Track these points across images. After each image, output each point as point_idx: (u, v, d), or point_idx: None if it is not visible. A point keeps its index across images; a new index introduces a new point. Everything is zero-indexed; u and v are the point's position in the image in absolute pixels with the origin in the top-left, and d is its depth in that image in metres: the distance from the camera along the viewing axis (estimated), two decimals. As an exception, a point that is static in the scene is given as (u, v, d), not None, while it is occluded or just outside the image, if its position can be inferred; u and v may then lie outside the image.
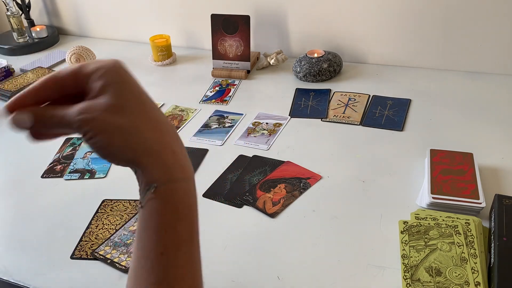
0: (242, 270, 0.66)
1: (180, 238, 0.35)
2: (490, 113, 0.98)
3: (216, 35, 1.23)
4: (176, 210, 0.35)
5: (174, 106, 1.12)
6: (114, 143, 0.34)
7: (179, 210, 0.35)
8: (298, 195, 0.79)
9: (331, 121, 1.01)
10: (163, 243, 0.34)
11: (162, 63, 1.34)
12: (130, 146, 0.35)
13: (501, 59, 1.13)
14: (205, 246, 0.71)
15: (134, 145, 0.35)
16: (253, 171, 0.86)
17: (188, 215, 0.35)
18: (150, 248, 0.34)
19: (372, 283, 0.63)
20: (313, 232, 0.72)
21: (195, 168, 0.89)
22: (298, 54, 1.31)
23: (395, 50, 1.22)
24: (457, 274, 0.60)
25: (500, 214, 0.66)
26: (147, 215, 0.34)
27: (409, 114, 1.01)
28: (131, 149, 0.35)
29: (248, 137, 0.97)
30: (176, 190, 0.35)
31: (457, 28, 1.13)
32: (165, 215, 0.34)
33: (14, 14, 1.49)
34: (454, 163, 0.79)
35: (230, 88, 1.19)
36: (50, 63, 1.41)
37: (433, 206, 0.72)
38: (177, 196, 0.35)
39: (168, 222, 0.34)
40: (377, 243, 0.69)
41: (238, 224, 0.75)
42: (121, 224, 0.76)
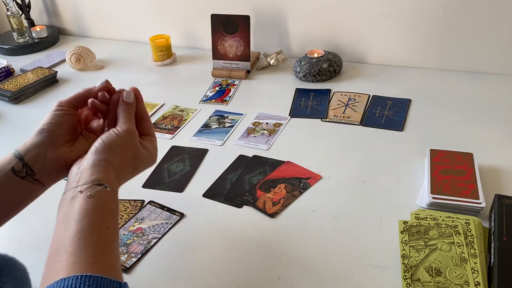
0: (242, 270, 0.66)
1: (116, 224, 0.47)
2: (490, 113, 0.98)
3: (216, 35, 1.23)
4: (116, 207, 0.48)
5: (174, 106, 1.12)
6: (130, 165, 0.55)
7: (117, 209, 0.49)
8: (298, 195, 0.79)
9: (331, 121, 1.01)
10: (109, 222, 0.46)
11: (162, 63, 1.34)
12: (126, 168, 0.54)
13: (501, 59, 1.13)
14: (205, 246, 0.71)
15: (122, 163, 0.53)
16: (253, 171, 0.86)
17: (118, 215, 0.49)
18: (97, 223, 0.44)
19: (372, 283, 0.63)
20: (313, 232, 0.72)
21: (195, 168, 0.89)
22: (298, 54, 1.31)
23: (395, 50, 1.22)
24: (457, 274, 0.60)
25: (500, 214, 0.66)
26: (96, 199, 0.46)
27: (409, 114, 1.01)
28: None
29: (248, 137, 0.97)
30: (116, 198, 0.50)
31: (457, 28, 1.13)
32: (111, 206, 0.47)
33: (14, 14, 1.49)
34: (454, 163, 0.79)
35: (230, 88, 1.19)
36: (50, 63, 1.41)
37: (433, 206, 0.72)
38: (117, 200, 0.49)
39: (112, 210, 0.47)
40: (377, 243, 0.69)
41: (238, 224, 0.75)
42: (121, 224, 0.76)
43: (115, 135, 0.52)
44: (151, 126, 0.59)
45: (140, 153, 0.54)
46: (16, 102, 1.20)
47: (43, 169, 0.51)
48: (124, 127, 0.53)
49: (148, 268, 0.68)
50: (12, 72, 1.35)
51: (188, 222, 0.76)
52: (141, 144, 0.55)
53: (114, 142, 0.51)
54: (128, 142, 0.53)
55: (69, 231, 0.43)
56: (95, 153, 0.51)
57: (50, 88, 1.27)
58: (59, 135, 0.53)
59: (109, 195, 0.47)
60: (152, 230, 0.74)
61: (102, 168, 0.49)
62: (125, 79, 1.28)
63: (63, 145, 0.53)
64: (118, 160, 0.51)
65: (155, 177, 0.87)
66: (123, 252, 0.70)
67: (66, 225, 0.44)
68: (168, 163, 0.91)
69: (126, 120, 0.54)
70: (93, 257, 0.41)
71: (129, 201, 0.81)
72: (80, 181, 0.48)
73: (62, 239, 0.43)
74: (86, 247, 0.41)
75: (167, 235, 0.74)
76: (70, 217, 0.44)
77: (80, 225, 0.43)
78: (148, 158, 0.56)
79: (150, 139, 0.58)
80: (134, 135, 0.54)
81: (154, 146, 0.58)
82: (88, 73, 1.35)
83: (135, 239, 0.73)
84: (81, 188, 0.46)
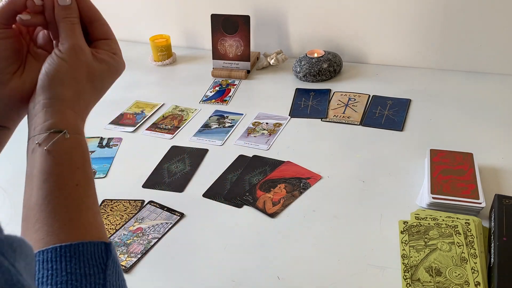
0: (242, 270, 0.66)
1: (88, 176, 0.41)
2: (490, 113, 0.98)
3: (216, 35, 1.23)
4: (83, 154, 0.41)
5: (174, 106, 1.12)
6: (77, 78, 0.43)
7: (85, 155, 0.42)
8: (298, 195, 0.79)
9: (331, 121, 1.01)
10: (76, 177, 0.40)
11: (162, 63, 1.34)
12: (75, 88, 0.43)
13: (501, 59, 1.13)
14: (205, 246, 0.71)
15: (77, 92, 0.43)
16: (253, 171, 0.86)
17: (88, 161, 0.42)
18: (64, 182, 0.39)
19: (372, 283, 0.63)
20: (313, 232, 0.72)
21: (195, 168, 0.89)
22: (298, 54, 1.31)
23: (395, 50, 1.22)
24: (457, 274, 0.60)
25: (500, 214, 0.66)
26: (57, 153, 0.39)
27: (409, 114, 1.01)
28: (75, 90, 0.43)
29: (248, 137, 0.97)
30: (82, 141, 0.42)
31: (457, 28, 1.13)
32: (76, 156, 0.41)
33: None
34: (454, 163, 0.79)
35: (230, 88, 1.19)
36: (50, 63, 1.41)
37: (433, 206, 0.72)
38: (84, 144, 0.42)
39: (79, 162, 0.41)
40: (377, 243, 0.69)
41: (238, 224, 0.75)
42: (121, 224, 0.76)
43: (58, 60, 0.43)
44: (105, 26, 0.47)
45: (96, 70, 0.45)
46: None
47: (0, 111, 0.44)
48: (66, 44, 0.43)
49: (148, 268, 0.68)
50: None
51: (188, 222, 0.76)
52: (94, 58, 0.45)
53: (59, 70, 0.42)
54: (75, 63, 0.43)
55: (35, 195, 0.38)
56: (41, 89, 0.42)
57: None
58: (2, 68, 0.43)
59: (71, 143, 0.40)
60: (152, 230, 0.74)
61: (54, 109, 0.41)
62: (125, 79, 1.28)
63: (12, 78, 0.43)
64: (70, 92, 0.42)
65: (155, 177, 0.87)
66: (123, 252, 0.70)
67: (31, 186, 0.39)
68: (168, 163, 0.91)
69: (68, 33, 0.44)
70: (67, 222, 0.37)
71: (129, 201, 0.81)
72: (36, 129, 0.41)
73: (30, 204, 0.39)
74: (56, 213, 0.37)
75: (167, 235, 0.74)
76: (34, 176, 0.39)
77: (45, 188, 0.38)
78: (109, 71, 0.46)
79: (107, 44, 0.46)
80: (81, 51, 0.44)
81: (114, 52, 0.47)
82: (88, 73, 1.35)
83: (135, 239, 0.73)
84: (38, 139, 0.40)
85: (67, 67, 0.43)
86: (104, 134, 1.02)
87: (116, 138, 1.01)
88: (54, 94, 0.42)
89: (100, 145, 0.99)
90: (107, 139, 1.01)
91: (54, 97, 0.42)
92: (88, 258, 0.35)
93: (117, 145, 0.98)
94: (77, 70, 0.43)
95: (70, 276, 0.33)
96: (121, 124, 1.06)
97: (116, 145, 0.98)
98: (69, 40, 0.43)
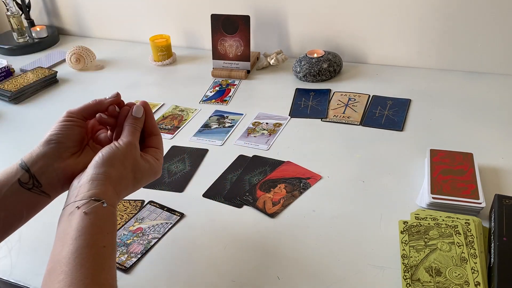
0: (242, 270, 0.66)
1: (114, 242, 0.47)
2: (490, 113, 0.98)
3: (216, 35, 1.23)
4: (113, 224, 0.48)
5: (174, 106, 1.12)
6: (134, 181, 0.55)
7: (115, 225, 0.49)
8: (298, 195, 0.79)
9: (331, 121, 1.01)
10: (105, 240, 0.46)
11: (162, 63, 1.34)
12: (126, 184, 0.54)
13: (501, 59, 1.13)
14: (205, 246, 0.71)
15: (121, 176, 0.53)
16: (253, 171, 0.86)
17: (116, 231, 0.49)
18: (94, 242, 0.44)
19: (372, 283, 0.63)
20: (313, 232, 0.72)
21: (195, 168, 0.89)
22: (298, 54, 1.31)
23: (395, 50, 1.22)
24: (457, 274, 0.60)
25: (500, 214, 0.66)
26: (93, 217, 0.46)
27: (409, 114, 1.01)
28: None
29: (248, 137, 0.97)
30: (115, 214, 0.50)
31: (457, 28, 1.13)
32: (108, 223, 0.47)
33: (14, 14, 1.49)
34: (454, 163, 0.79)
35: (230, 88, 1.19)
36: (50, 63, 1.41)
37: (433, 206, 0.72)
38: (115, 216, 0.50)
39: (110, 228, 0.47)
40: (377, 243, 0.69)
41: (238, 224, 0.75)
42: (121, 224, 0.76)
43: (115, 148, 0.52)
44: (160, 140, 0.60)
45: (140, 165, 0.54)
46: (16, 102, 1.20)
47: (50, 180, 0.51)
48: (125, 140, 0.54)
49: (148, 268, 0.68)
50: (12, 72, 1.35)
51: (188, 222, 0.76)
52: (142, 157, 0.55)
53: (113, 156, 0.51)
54: (127, 155, 0.53)
55: (66, 249, 0.43)
56: (94, 167, 0.51)
57: (50, 88, 1.27)
58: (67, 147, 0.53)
59: (106, 212, 0.47)
60: (152, 230, 0.74)
61: (100, 183, 0.49)
62: (125, 79, 1.28)
63: (70, 157, 0.54)
64: (116, 174, 0.51)
65: (155, 177, 0.87)
66: (123, 252, 0.70)
67: (63, 242, 0.44)
68: (168, 163, 0.91)
69: (130, 133, 0.55)
70: (89, 279, 0.41)
71: (129, 201, 0.81)
72: (78, 196, 0.48)
73: (59, 258, 0.43)
74: (81, 268, 0.42)
75: (167, 235, 0.74)
76: (67, 234, 0.44)
77: (76, 244, 0.43)
78: (150, 171, 0.56)
79: (155, 152, 0.58)
80: (134, 147, 0.54)
81: (158, 159, 0.57)
82: (88, 73, 1.35)
83: (135, 239, 0.73)
84: (79, 204, 0.46)
85: (120, 154, 0.52)
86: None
87: (116, 138, 1.01)
88: (102, 171, 0.50)
89: (100, 145, 0.99)
90: (107, 139, 1.01)
91: (102, 173, 0.50)
92: None
93: (117, 145, 0.98)
94: (126, 159, 0.53)
95: None
96: (121, 124, 1.06)
97: (116, 145, 0.98)
98: (128, 138, 0.54)
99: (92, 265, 0.42)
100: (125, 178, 0.52)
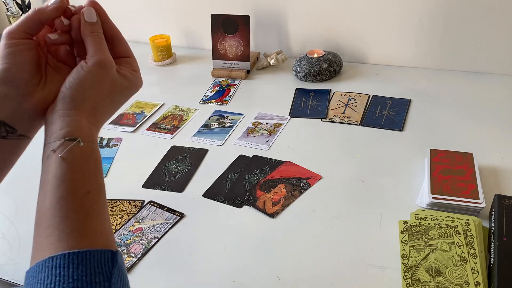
0: (242, 270, 0.66)
1: (99, 183, 0.42)
2: (490, 113, 0.98)
3: (216, 35, 1.23)
4: (95, 162, 0.43)
5: (174, 106, 1.12)
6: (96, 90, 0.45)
7: (97, 163, 0.43)
8: (298, 195, 0.79)
9: (331, 121, 1.01)
10: (88, 184, 0.41)
11: (162, 63, 1.34)
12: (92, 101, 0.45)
13: (501, 59, 1.13)
14: (205, 246, 0.71)
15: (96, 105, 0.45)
16: (253, 171, 0.86)
17: (101, 169, 0.43)
18: (76, 188, 0.40)
19: (372, 283, 0.63)
20: (313, 232, 0.72)
21: (195, 168, 0.89)
22: (298, 54, 1.31)
23: (395, 50, 1.22)
24: (457, 274, 0.60)
25: (500, 214, 0.66)
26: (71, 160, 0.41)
27: (409, 114, 1.01)
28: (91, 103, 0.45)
29: (248, 137, 0.97)
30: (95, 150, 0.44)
31: (457, 28, 1.13)
32: (88, 164, 0.42)
33: (14, 14, 1.49)
34: (454, 163, 0.79)
35: (230, 88, 1.19)
36: (50, 63, 1.41)
37: (433, 206, 0.72)
38: (96, 153, 0.44)
39: (91, 169, 0.42)
40: (377, 243, 0.69)
41: (238, 224, 0.75)
42: (121, 224, 0.76)
43: (83, 72, 0.44)
44: (125, 44, 0.50)
45: (118, 84, 0.47)
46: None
47: (23, 122, 0.44)
48: (93, 58, 0.44)
49: (148, 268, 0.68)
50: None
51: (188, 222, 0.76)
52: (118, 73, 0.47)
53: (82, 84, 0.44)
54: (101, 77, 0.45)
55: (48, 200, 0.39)
56: (62, 99, 0.44)
57: (50, 88, 1.27)
58: (27, 81, 0.44)
59: (85, 151, 0.42)
60: (152, 230, 0.74)
61: (72, 118, 0.43)
62: (125, 79, 1.28)
63: (36, 91, 0.45)
64: (90, 103, 0.44)
65: (155, 177, 0.87)
66: (123, 252, 0.70)
67: (45, 191, 0.40)
68: (168, 163, 0.91)
69: (96, 48, 0.45)
70: (77, 232, 0.38)
71: (129, 201, 0.81)
72: (52, 136, 0.42)
73: (43, 209, 0.40)
74: (67, 220, 0.38)
75: (167, 235, 0.74)
76: (48, 182, 0.41)
77: (58, 194, 0.39)
78: (129, 88, 0.48)
79: (128, 62, 0.49)
80: (109, 65, 0.45)
81: (135, 70, 0.49)
82: (88, 73, 1.35)
83: (135, 239, 0.73)
84: (53, 146, 0.41)
85: (91, 80, 0.44)
86: (104, 134, 1.02)
87: (116, 138, 1.01)
88: (73, 106, 0.43)
89: (100, 145, 0.99)
90: (107, 139, 1.01)
91: (72, 108, 0.43)
92: (95, 266, 0.36)
93: (117, 145, 0.98)
94: (101, 84, 0.45)
95: (76, 283, 0.34)
96: (121, 124, 1.06)
97: (116, 145, 0.98)
98: (98, 54, 0.45)
99: (77, 216, 0.39)
100: (101, 105, 0.46)
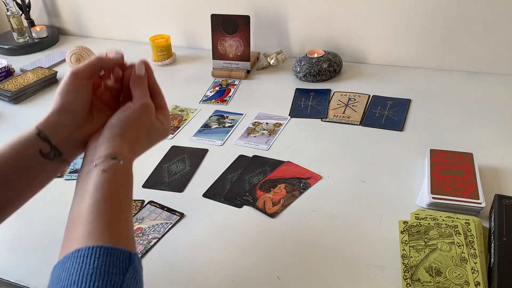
0: (242, 270, 0.66)
1: (130, 196, 0.50)
2: (490, 113, 0.98)
3: (216, 35, 1.23)
4: (129, 181, 0.51)
5: (174, 106, 1.12)
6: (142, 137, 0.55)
7: (131, 181, 0.51)
8: (298, 195, 0.79)
9: (331, 121, 1.01)
10: (122, 195, 0.47)
11: (162, 63, 1.34)
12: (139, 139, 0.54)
13: (501, 59, 1.13)
14: (205, 246, 0.71)
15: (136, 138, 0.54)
16: (253, 171, 0.86)
17: (132, 187, 0.51)
18: (111, 195, 0.46)
19: (372, 283, 0.63)
20: (313, 232, 0.72)
21: (195, 168, 0.89)
22: (298, 54, 1.31)
23: (395, 50, 1.22)
24: (457, 274, 0.60)
25: (500, 214, 0.66)
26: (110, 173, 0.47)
27: (409, 114, 1.01)
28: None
29: (248, 137, 0.97)
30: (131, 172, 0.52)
31: (457, 28, 1.13)
32: (124, 180, 0.49)
33: (14, 14, 1.49)
34: (454, 163, 0.79)
35: (230, 88, 1.19)
36: (50, 63, 1.41)
37: (433, 206, 0.72)
38: (131, 174, 0.51)
39: (126, 184, 0.49)
40: (377, 243, 0.69)
41: (238, 224, 0.75)
42: (121, 224, 0.76)
43: (130, 110, 0.53)
44: (162, 98, 0.60)
45: (155, 127, 0.56)
46: (16, 102, 1.20)
47: (69, 149, 0.52)
48: (139, 101, 0.54)
49: (148, 268, 0.68)
50: (12, 72, 1.35)
51: (188, 222, 0.76)
52: (157, 118, 0.56)
53: (129, 117, 0.53)
54: (143, 117, 0.54)
55: (84, 203, 0.45)
56: (111, 128, 0.52)
57: (50, 88, 1.27)
58: (82, 114, 0.53)
59: (123, 169, 0.49)
60: (152, 230, 0.74)
61: (116, 143, 0.50)
62: (125, 79, 1.28)
63: (87, 124, 0.54)
64: (132, 135, 0.53)
65: (155, 177, 0.87)
66: (123, 252, 0.70)
67: (82, 198, 0.46)
68: (168, 163, 0.91)
69: (141, 94, 0.55)
70: (105, 228, 0.43)
71: (129, 201, 0.81)
72: (96, 156, 0.49)
73: (78, 210, 0.45)
74: (99, 218, 0.43)
75: (167, 235, 0.74)
76: (86, 191, 0.46)
77: (94, 198, 0.45)
78: (162, 132, 0.57)
79: (163, 112, 0.58)
80: (150, 109, 0.55)
81: (167, 119, 0.59)
82: (88, 73, 1.35)
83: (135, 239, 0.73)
84: (96, 162, 0.48)
85: (135, 117, 0.53)
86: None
87: (116, 138, 1.01)
88: (119, 132, 0.51)
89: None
90: (107, 139, 1.01)
91: (117, 135, 0.51)
92: (114, 260, 0.40)
93: (117, 145, 0.98)
94: (142, 122, 0.54)
95: (95, 270, 0.39)
96: (121, 124, 1.06)
97: (116, 145, 0.98)
98: (142, 100, 0.54)
99: (109, 216, 0.44)
100: (140, 140, 0.54)
